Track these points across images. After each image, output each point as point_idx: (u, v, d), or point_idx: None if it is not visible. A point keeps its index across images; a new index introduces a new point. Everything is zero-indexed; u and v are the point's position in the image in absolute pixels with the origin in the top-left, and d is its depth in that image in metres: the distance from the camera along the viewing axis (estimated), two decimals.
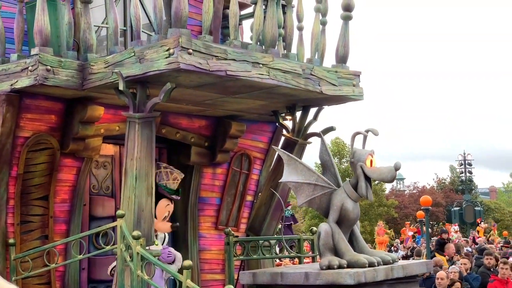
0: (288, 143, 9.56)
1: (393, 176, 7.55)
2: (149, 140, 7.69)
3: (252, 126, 10.18)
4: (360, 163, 7.59)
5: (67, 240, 8.26)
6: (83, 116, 8.32)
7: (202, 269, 9.95)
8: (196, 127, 9.67)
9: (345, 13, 8.78)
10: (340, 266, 7.30)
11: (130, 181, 7.60)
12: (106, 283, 9.12)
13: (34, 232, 8.40)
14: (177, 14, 7.23)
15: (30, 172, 8.29)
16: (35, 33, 7.84)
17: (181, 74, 7.31)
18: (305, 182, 7.75)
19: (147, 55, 7.35)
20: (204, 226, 10.09)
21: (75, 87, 7.94)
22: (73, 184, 8.69)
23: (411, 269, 7.95)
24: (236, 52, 7.58)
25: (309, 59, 8.86)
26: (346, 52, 8.92)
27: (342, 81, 8.80)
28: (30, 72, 7.71)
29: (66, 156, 8.54)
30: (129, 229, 7.39)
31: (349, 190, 7.65)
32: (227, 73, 7.44)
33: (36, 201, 8.38)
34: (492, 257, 13.99)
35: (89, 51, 8.14)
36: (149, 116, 7.67)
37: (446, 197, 56.08)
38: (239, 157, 10.28)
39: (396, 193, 62.50)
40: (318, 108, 9.61)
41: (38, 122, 8.24)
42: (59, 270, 8.54)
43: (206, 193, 10.06)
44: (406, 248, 29.75)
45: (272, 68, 7.90)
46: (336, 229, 7.58)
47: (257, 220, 9.96)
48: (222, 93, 8.35)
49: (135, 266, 7.16)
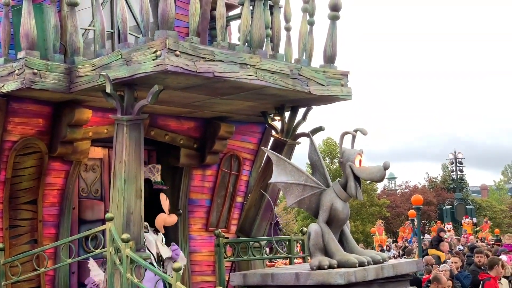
0: (277, 144, 9.55)
1: (382, 175, 7.54)
2: (137, 143, 7.67)
3: (241, 127, 10.17)
4: (349, 162, 7.59)
5: (57, 244, 8.23)
6: (71, 119, 8.29)
7: (192, 271, 9.94)
8: (185, 129, 9.65)
9: (333, 13, 8.78)
10: (330, 266, 7.29)
11: (119, 184, 7.57)
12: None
13: (23, 237, 8.36)
14: (164, 16, 7.21)
15: (18, 176, 8.25)
16: (21, 37, 7.80)
17: (169, 76, 7.29)
18: (295, 183, 7.74)
19: (134, 58, 7.32)
20: (194, 228, 10.09)
21: (62, 90, 7.91)
22: (61, 187, 8.67)
23: (401, 268, 7.94)
24: (223, 53, 7.57)
25: (297, 60, 8.86)
26: (334, 52, 8.92)
27: (330, 81, 8.80)
28: (17, 75, 7.67)
29: (55, 159, 8.51)
30: (118, 232, 7.36)
31: (339, 190, 7.64)
32: (215, 75, 7.43)
33: (24, 205, 8.35)
34: (483, 255, 14.01)
35: (76, 54, 8.11)
36: (137, 118, 7.64)
37: (438, 196, 56.23)
38: (229, 158, 10.28)
39: (387, 192, 62.58)
40: (307, 109, 9.61)
41: (26, 126, 8.21)
42: (48, 274, 8.51)
43: (196, 195, 10.05)
44: (398, 248, 29.80)
45: (260, 69, 7.89)
46: (326, 229, 7.57)
47: (247, 221, 9.95)
48: (210, 94, 8.33)
49: (125, 270, 7.13)
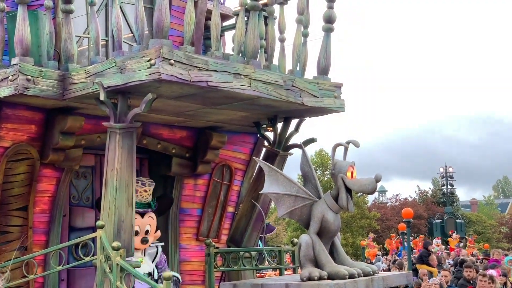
0: (269, 155, 9.57)
1: (374, 187, 7.56)
2: (130, 151, 7.66)
3: (234, 137, 10.18)
4: (341, 174, 7.61)
5: (47, 251, 8.20)
6: (64, 126, 8.28)
7: (183, 280, 9.90)
8: (177, 138, 9.66)
9: (327, 25, 8.82)
10: (320, 278, 7.30)
11: (111, 192, 7.56)
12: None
13: (13, 243, 8.31)
14: (158, 25, 7.22)
15: (9, 183, 8.22)
16: (15, 43, 7.80)
17: (163, 85, 7.30)
18: (286, 194, 7.75)
19: (129, 66, 7.33)
20: (185, 237, 10.07)
21: (55, 97, 7.91)
22: (53, 194, 8.64)
23: (391, 281, 7.96)
24: (217, 63, 7.59)
25: (291, 71, 8.88)
26: (327, 64, 8.95)
27: (324, 92, 8.82)
28: (10, 81, 7.66)
29: (46, 166, 8.49)
30: (109, 240, 7.35)
31: (330, 202, 7.66)
32: (209, 84, 7.44)
33: (15, 211, 8.31)
34: (472, 270, 14.05)
35: (70, 61, 8.12)
36: (130, 126, 7.64)
37: (428, 210, 56.34)
38: (220, 168, 10.28)
39: (378, 205, 62.68)
40: (299, 120, 9.64)
41: (18, 132, 8.19)
42: (38, 281, 8.47)
43: (187, 204, 10.04)
44: (388, 261, 29.82)
45: (253, 79, 7.91)
46: (316, 241, 7.58)
47: (238, 231, 9.95)
48: (203, 104, 8.35)
49: (115, 278, 7.11)
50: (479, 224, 57.82)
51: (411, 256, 23.59)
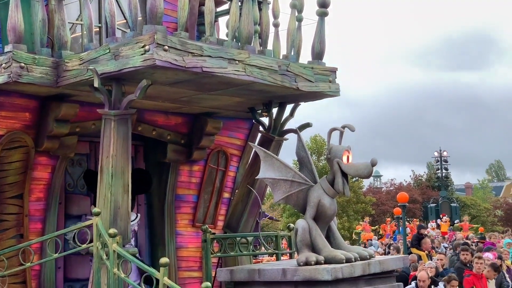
0: (264, 140, 9.55)
1: (370, 172, 7.56)
2: (125, 137, 7.64)
3: (229, 123, 10.17)
4: (337, 159, 7.60)
5: (43, 239, 8.19)
6: (58, 113, 8.26)
7: (179, 266, 9.92)
8: (172, 124, 9.64)
9: (321, 10, 8.80)
10: (317, 262, 7.31)
11: (106, 179, 7.55)
12: (82, 281, 9.08)
13: (9, 231, 8.31)
14: (152, 11, 7.19)
15: (4, 171, 8.21)
16: (8, 30, 7.76)
17: (157, 71, 7.28)
18: (282, 179, 7.74)
19: (123, 52, 7.30)
20: (181, 223, 10.07)
21: (49, 85, 7.88)
22: (48, 182, 8.63)
23: (387, 265, 7.98)
24: (212, 48, 7.56)
25: (285, 56, 8.86)
26: (322, 48, 8.94)
27: (318, 77, 8.81)
28: (4, 69, 7.63)
29: (41, 154, 8.47)
30: (105, 227, 7.35)
31: (326, 186, 7.65)
32: (203, 70, 7.42)
33: (10, 199, 8.30)
34: (468, 253, 14.09)
35: (64, 48, 8.08)
36: (124, 113, 7.62)
37: (423, 194, 56.44)
38: (216, 154, 10.27)
39: (373, 190, 62.76)
40: (295, 105, 9.63)
41: (12, 120, 8.16)
42: (34, 269, 8.47)
43: (182, 190, 10.03)
44: (384, 245, 29.90)
45: (248, 64, 7.89)
46: (313, 225, 7.58)
47: (234, 217, 9.96)
48: (198, 90, 8.32)
49: (112, 264, 7.11)
50: (473, 207, 57.97)
51: (406, 241, 23.68)
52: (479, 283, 12.27)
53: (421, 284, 11.66)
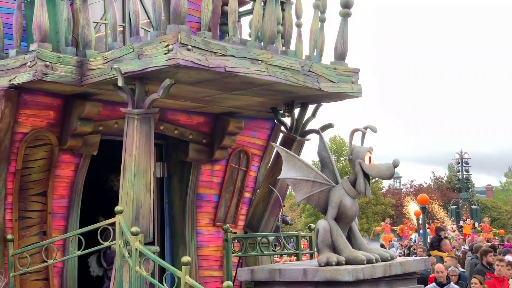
0: (286, 140, 9.56)
1: (392, 173, 7.55)
2: (147, 136, 7.69)
3: (250, 123, 10.18)
4: (359, 160, 7.59)
5: (66, 236, 8.26)
6: (82, 112, 8.32)
7: (200, 265, 9.95)
8: (194, 124, 9.67)
9: (344, 10, 8.78)
10: (338, 263, 7.30)
11: (129, 177, 7.59)
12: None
13: (32, 228, 8.39)
14: (176, 10, 7.22)
15: (28, 168, 8.28)
16: (33, 29, 7.82)
17: (180, 70, 7.30)
18: (304, 179, 7.74)
19: (146, 51, 7.34)
20: (202, 222, 10.10)
21: (73, 83, 7.94)
22: (71, 180, 8.69)
23: (409, 266, 7.95)
24: (235, 48, 7.58)
25: (308, 56, 8.86)
26: (344, 49, 8.92)
27: (341, 78, 8.80)
28: (29, 68, 7.70)
29: (65, 152, 8.54)
30: (127, 225, 7.39)
31: (348, 187, 7.64)
32: (226, 69, 7.44)
33: (34, 197, 8.38)
34: (491, 255, 13.99)
35: (88, 47, 8.13)
36: (147, 112, 7.66)
37: (443, 196, 56.11)
38: (237, 153, 10.29)
39: (393, 191, 62.50)
40: (317, 105, 9.62)
41: (37, 118, 8.24)
42: (57, 266, 8.54)
43: (204, 189, 10.06)
44: (404, 246, 29.77)
45: (271, 64, 7.90)
46: (334, 226, 7.58)
47: (255, 217, 9.97)
48: (220, 89, 8.35)
49: (134, 262, 7.16)
50: (494, 210, 57.54)
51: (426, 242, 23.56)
52: (500, 285, 12.19)
53: (439, 275, 11.64)
